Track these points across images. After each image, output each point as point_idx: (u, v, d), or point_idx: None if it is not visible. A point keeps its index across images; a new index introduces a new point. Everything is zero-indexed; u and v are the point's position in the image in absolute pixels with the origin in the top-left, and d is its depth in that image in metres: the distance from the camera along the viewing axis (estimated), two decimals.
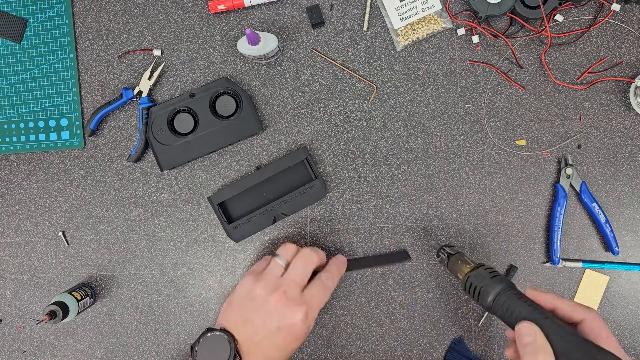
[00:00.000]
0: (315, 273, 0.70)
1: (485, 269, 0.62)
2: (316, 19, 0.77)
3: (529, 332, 0.53)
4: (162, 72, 0.79)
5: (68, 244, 0.81)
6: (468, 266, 0.64)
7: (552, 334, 0.52)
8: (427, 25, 0.77)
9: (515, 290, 0.58)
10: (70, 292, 0.75)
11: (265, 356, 0.64)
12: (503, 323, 0.78)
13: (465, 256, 0.67)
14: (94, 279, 0.80)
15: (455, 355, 0.77)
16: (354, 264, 0.76)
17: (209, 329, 0.64)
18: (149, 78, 0.78)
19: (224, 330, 0.64)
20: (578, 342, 0.51)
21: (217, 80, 0.78)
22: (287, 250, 0.69)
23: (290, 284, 0.66)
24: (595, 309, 0.55)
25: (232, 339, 0.63)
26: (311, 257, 0.68)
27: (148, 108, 0.78)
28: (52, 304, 0.72)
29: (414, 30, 0.77)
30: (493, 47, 0.78)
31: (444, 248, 0.70)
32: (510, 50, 0.77)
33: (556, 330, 0.53)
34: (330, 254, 0.78)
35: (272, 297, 0.65)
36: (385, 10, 0.77)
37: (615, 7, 0.75)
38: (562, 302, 0.57)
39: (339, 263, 0.72)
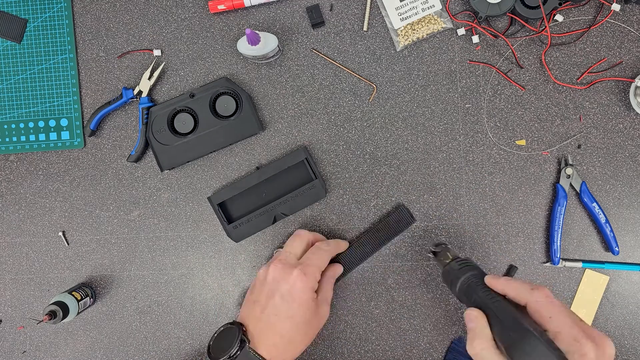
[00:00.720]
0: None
1: (458, 261, 0.65)
2: (316, 19, 0.77)
3: (470, 318, 0.56)
4: (162, 72, 0.79)
5: (68, 244, 0.81)
6: (447, 260, 0.68)
7: (493, 318, 0.54)
8: (427, 25, 0.77)
9: (477, 279, 0.60)
10: (70, 292, 0.75)
11: (276, 332, 0.63)
12: None
13: (449, 250, 0.70)
14: (94, 279, 0.80)
15: (455, 355, 0.77)
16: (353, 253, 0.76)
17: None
18: (149, 78, 0.78)
19: (232, 322, 0.65)
20: (514, 323, 0.51)
21: (217, 80, 0.78)
22: (293, 246, 0.71)
23: (289, 256, 0.69)
24: (546, 288, 0.55)
25: (239, 326, 0.63)
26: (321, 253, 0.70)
27: (148, 108, 0.78)
28: (52, 304, 0.72)
29: (414, 30, 0.77)
30: (493, 47, 0.78)
31: (434, 247, 0.73)
32: (510, 50, 0.77)
33: (498, 313, 0.54)
34: None
35: (273, 272, 0.67)
36: (385, 10, 0.77)
37: (615, 7, 0.75)
38: (510, 285, 0.57)
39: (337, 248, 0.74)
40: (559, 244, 0.76)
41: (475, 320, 0.55)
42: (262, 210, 0.77)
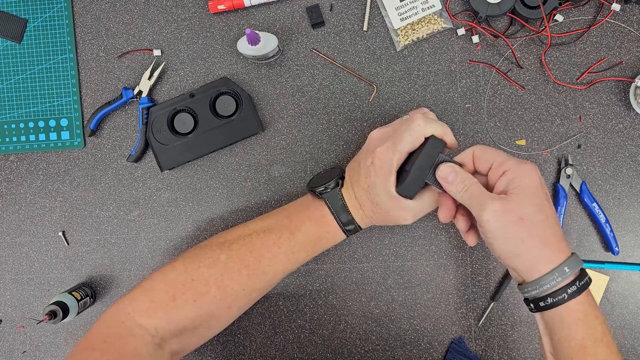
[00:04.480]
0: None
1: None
2: (316, 19, 0.77)
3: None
4: (162, 72, 0.79)
5: (68, 244, 0.81)
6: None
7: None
8: (427, 25, 0.77)
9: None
10: (70, 292, 0.75)
11: (358, 189, 0.66)
12: (503, 324, 0.78)
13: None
14: (94, 279, 0.80)
15: (455, 355, 0.77)
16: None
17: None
18: (149, 78, 0.78)
19: (339, 167, 0.76)
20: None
21: (217, 80, 0.78)
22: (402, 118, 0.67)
23: (393, 126, 0.66)
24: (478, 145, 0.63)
25: (342, 171, 0.70)
26: (418, 131, 0.62)
27: (148, 108, 0.78)
28: (52, 304, 0.72)
29: (414, 30, 0.77)
30: (493, 47, 0.78)
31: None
32: (510, 50, 0.77)
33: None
34: (330, 255, 0.79)
35: (372, 137, 0.67)
36: (385, 10, 0.77)
37: (615, 7, 0.75)
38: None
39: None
40: None
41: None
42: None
